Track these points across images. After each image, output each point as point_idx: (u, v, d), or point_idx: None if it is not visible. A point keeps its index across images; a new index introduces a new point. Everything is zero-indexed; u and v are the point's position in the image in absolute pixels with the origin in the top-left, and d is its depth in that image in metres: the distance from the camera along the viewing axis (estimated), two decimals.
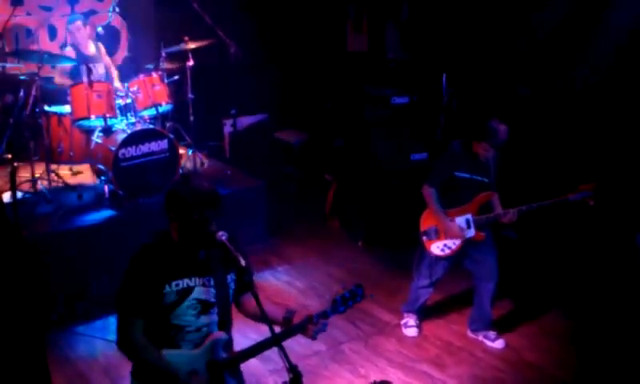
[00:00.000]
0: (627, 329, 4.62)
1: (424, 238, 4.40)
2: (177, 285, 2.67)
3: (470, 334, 4.62)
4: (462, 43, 6.45)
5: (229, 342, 2.82)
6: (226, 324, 2.79)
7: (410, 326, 4.70)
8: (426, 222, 4.40)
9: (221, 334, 2.76)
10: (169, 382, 2.63)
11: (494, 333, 4.55)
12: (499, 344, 4.50)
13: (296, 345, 4.46)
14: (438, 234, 4.36)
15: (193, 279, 2.70)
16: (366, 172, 6.17)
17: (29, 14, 6.69)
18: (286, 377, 2.59)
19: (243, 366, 4.15)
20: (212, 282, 2.73)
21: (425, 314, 4.83)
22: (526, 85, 6.15)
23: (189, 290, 2.68)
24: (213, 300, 2.73)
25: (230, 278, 2.78)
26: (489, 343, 4.51)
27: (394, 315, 4.88)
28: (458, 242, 4.34)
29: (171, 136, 5.74)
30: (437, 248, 4.39)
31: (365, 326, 4.80)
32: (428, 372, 4.27)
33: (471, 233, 4.33)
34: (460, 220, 4.32)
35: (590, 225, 5.59)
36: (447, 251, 4.38)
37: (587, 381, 4.22)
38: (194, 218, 2.65)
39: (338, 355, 4.46)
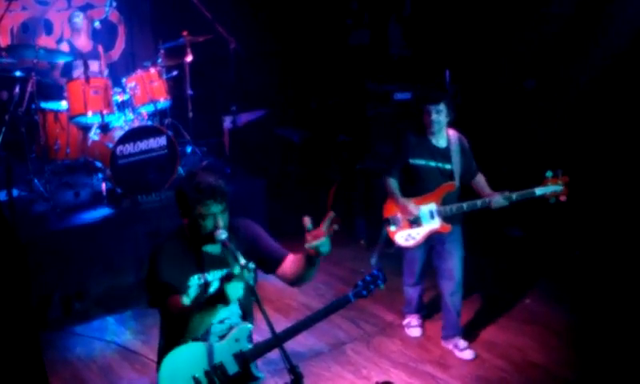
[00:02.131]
0: (633, 328, 4.56)
1: (388, 228, 4.25)
2: (198, 279, 2.70)
3: (442, 342, 4.45)
4: (466, 38, 6.39)
5: (252, 333, 2.82)
6: (247, 315, 2.82)
7: (412, 326, 4.62)
8: (389, 210, 4.26)
9: (245, 325, 2.78)
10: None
11: (465, 342, 4.37)
12: (468, 355, 4.29)
13: (297, 345, 4.42)
14: (401, 223, 4.22)
15: (212, 273, 2.73)
16: (368, 169, 6.10)
17: (24, 8, 6.61)
18: (287, 378, 2.57)
19: None
20: (226, 275, 2.70)
21: (428, 314, 4.77)
22: (531, 78, 6.09)
23: (207, 285, 2.70)
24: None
25: (251, 266, 2.66)
26: (457, 353, 4.34)
27: (396, 315, 4.82)
28: (422, 231, 4.18)
29: (170, 133, 5.67)
30: (401, 238, 4.23)
31: (367, 326, 4.75)
32: (432, 373, 4.21)
33: (436, 224, 4.17)
34: (423, 209, 4.15)
35: (597, 223, 5.55)
36: (412, 241, 4.21)
37: (592, 381, 4.17)
38: (197, 213, 2.63)
39: (340, 356, 4.41)
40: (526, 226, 5.83)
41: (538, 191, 4.08)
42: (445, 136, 4.19)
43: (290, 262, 2.89)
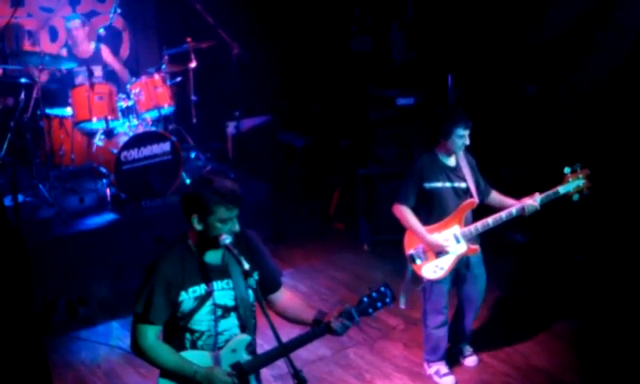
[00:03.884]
0: (635, 333, 4.55)
1: (413, 263, 3.97)
2: (194, 291, 2.64)
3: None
4: (468, 43, 6.40)
5: (252, 344, 2.76)
6: (248, 327, 2.72)
7: (444, 375, 4.14)
8: (410, 244, 3.98)
9: (243, 336, 2.72)
10: (189, 379, 2.60)
11: (470, 349, 4.33)
12: (472, 362, 4.29)
13: (300, 349, 4.41)
14: (426, 255, 3.95)
15: (211, 284, 2.66)
16: (370, 174, 6.11)
17: (30, 15, 6.66)
18: (291, 382, 2.56)
19: None
20: (231, 285, 2.69)
21: None
22: (533, 83, 6.09)
23: (207, 296, 2.65)
24: (232, 303, 2.69)
25: (252, 279, 2.63)
26: (461, 359, 4.32)
27: (400, 319, 4.81)
28: (449, 259, 3.94)
29: (173, 138, 5.70)
30: (429, 271, 3.95)
31: (370, 330, 4.74)
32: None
33: (462, 248, 3.93)
34: (446, 234, 3.93)
35: (599, 227, 5.54)
36: (440, 273, 3.94)
37: None
38: (215, 217, 2.57)
39: (342, 360, 4.41)
40: (529, 231, 5.83)
41: (562, 189, 3.96)
42: (453, 155, 4.03)
43: (286, 297, 2.87)
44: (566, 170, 4.00)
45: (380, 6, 7.38)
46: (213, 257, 2.69)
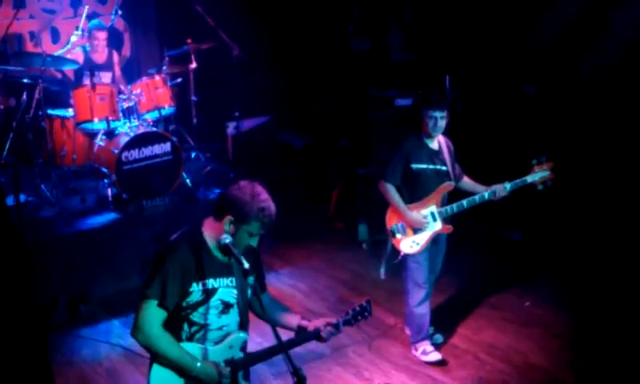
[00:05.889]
0: (632, 331, 4.58)
1: (393, 237, 4.24)
2: (204, 284, 2.69)
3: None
4: (466, 44, 6.44)
5: (246, 342, 2.85)
6: (245, 325, 2.83)
7: (430, 352, 4.33)
8: (392, 219, 4.25)
9: (241, 333, 2.80)
10: (185, 372, 2.65)
11: (432, 328, 4.48)
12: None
13: (300, 348, 4.45)
14: (405, 230, 4.22)
15: (218, 280, 2.72)
16: (370, 174, 6.14)
17: (32, 16, 6.70)
18: (291, 380, 2.60)
19: None
20: (234, 283, 2.76)
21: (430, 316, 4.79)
22: (530, 84, 6.13)
23: (214, 291, 2.71)
24: (234, 301, 2.76)
25: (252, 278, 2.78)
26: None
27: (398, 318, 4.85)
28: (426, 236, 4.22)
29: (174, 138, 5.74)
30: (407, 246, 4.23)
31: (369, 329, 4.77)
32: (432, 375, 4.24)
33: (438, 226, 4.22)
34: (424, 212, 4.21)
35: (594, 224, 5.57)
36: (416, 248, 4.23)
37: (592, 383, 4.18)
38: (249, 229, 2.67)
39: (342, 359, 4.44)
40: (525, 229, 5.86)
41: (529, 178, 4.29)
42: (436, 138, 4.26)
43: (270, 300, 3.02)
44: (533, 161, 4.32)
45: (379, 8, 7.42)
46: (222, 254, 2.75)
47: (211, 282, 2.71)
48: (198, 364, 2.65)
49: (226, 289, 2.73)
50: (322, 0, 7.46)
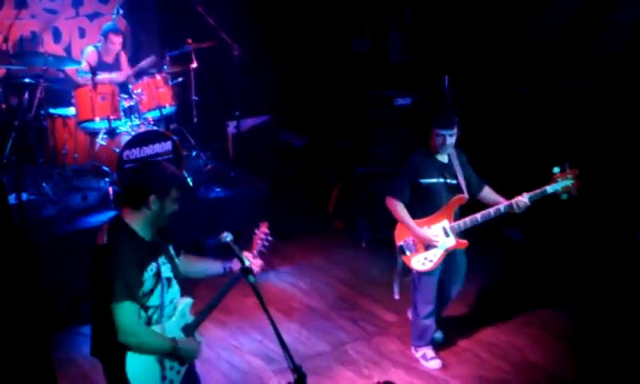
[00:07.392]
0: (630, 329, 4.61)
1: (402, 254, 4.09)
2: (151, 269, 2.78)
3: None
4: (465, 44, 6.47)
5: (192, 304, 3.00)
6: (182, 291, 2.97)
7: (430, 359, 4.31)
8: (401, 236, 4.10)
9: (186, 299, 2.95)
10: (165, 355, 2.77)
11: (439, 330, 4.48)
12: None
13: (300, 345, 4.50)
14: (415, 247, 4.07)
15: (159, 260, 2.82)
16: (369, 173, 6.17)
17: (33, 16, 6.72)
18: (291, 377, 2.63)
19: (247, 366, 4.20)
20: (165, 258, 2.87)
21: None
22: (527, 84, 6.16)
23: (158, 272, 2.80)
24: (171, 274, 2.88)
25: (171, 248, 2.94)
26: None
27: (397, 315, 4.88)
28: (438, 253, 4.06)
29: (175, 138, 5.76)
30: (418, 263, 4.08)
31: (368, 326, 4.81)
32: (432, 372, 4.27)
33: (451, 241, 4.05)
34: (436, 228, 4.05)
35: (593, 225, 5.60)
36: (429, 265, 4.06)
37: (591, 381, 4.22)
38: (172, 198, 2.78)
39: (341, 356, 4.47)
40: (525, 228, 5.89)
41: (549, 189, 3.98)
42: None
43: (189, 259, 3.14)
44: (555, 169, 4.00)
45: (378, 9, 7.45)
46: (149, 236, 2.82)
47: (155, 265, 2.79)
48: (173, 343, 2.78)
49: (164, 266, 2.84)
50: (321, 1, 7.49)
